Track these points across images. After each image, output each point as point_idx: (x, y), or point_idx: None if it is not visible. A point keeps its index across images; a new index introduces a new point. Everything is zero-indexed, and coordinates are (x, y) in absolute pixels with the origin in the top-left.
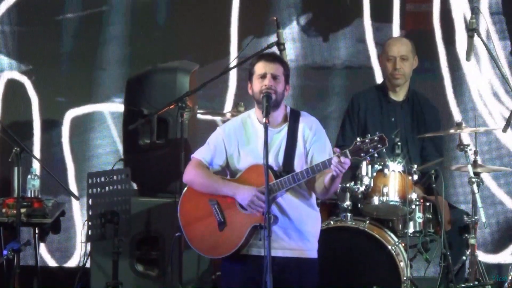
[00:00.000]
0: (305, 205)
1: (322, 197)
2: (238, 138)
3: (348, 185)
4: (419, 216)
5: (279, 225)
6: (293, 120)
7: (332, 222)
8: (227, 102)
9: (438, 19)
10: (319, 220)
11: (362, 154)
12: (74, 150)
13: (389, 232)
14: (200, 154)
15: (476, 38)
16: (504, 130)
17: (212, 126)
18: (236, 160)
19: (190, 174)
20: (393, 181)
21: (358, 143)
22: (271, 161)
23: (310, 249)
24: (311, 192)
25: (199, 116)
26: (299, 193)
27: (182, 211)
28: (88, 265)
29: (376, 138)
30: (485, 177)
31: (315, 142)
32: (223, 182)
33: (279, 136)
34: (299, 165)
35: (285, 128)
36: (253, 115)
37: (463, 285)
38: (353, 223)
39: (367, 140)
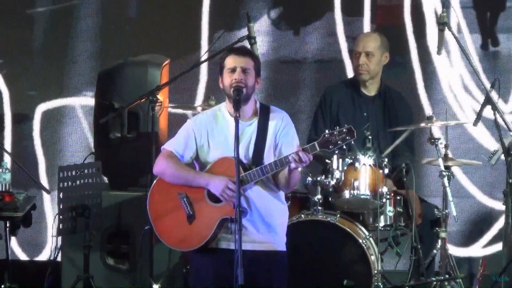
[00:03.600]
0: (273, 198)
1: (285, 190)
2: (208, 130)
3: (319, 178)
4: (389, 210)
5: (248, 218)
6: (263, 114)
7: (303, 215)
8: (198, 96)
9: (409, 13)
10: (287, 213)
11: (330, 146)
12: (45, 144)
13: (360, 226)
14: (171, 146)
15: (446, 32)
16: (475, 123)
17: (183, 119)
18: (206, 152)
19: (161, 165)
20: (363, 175)
21: (326, 135)
22: (241, 154)
23: (278, 242)
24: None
25: (170, 109)
26: (267, 186)
27: (151, 204)
28: (59, 258)
29: (344, 130)
30: (456, 170)
31: (284, 136)
32: (195, 173)
33: (250, 130)
34: (268, 158)
35: (255, 121)
36: (224, 108)
37: (433, 279)
38: (324, 217)
39: (335, 132)
